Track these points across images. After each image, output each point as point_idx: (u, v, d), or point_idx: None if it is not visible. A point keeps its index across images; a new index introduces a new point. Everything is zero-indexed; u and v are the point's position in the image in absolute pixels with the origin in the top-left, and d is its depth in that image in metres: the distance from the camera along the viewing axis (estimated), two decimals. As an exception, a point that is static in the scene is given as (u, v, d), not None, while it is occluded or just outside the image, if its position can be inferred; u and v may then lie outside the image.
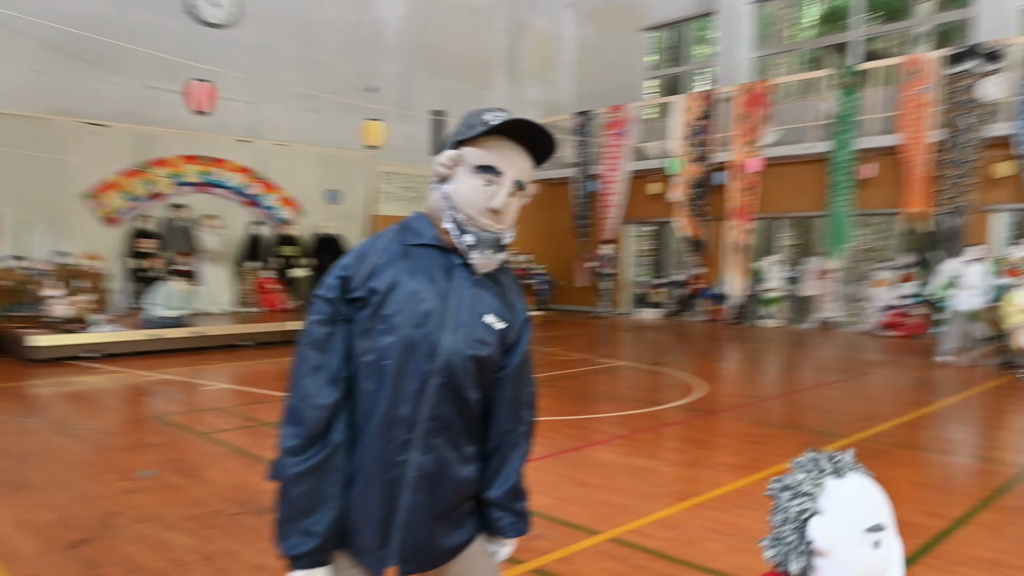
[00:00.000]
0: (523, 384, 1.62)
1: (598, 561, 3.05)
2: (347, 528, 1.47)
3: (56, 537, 3.25)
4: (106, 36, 11.07)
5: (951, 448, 5.29)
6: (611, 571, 2.96)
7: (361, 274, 1.47)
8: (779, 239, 14.84)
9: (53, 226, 10.93)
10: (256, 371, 8.08)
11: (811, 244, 14.67)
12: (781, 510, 1.30)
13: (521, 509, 1.66)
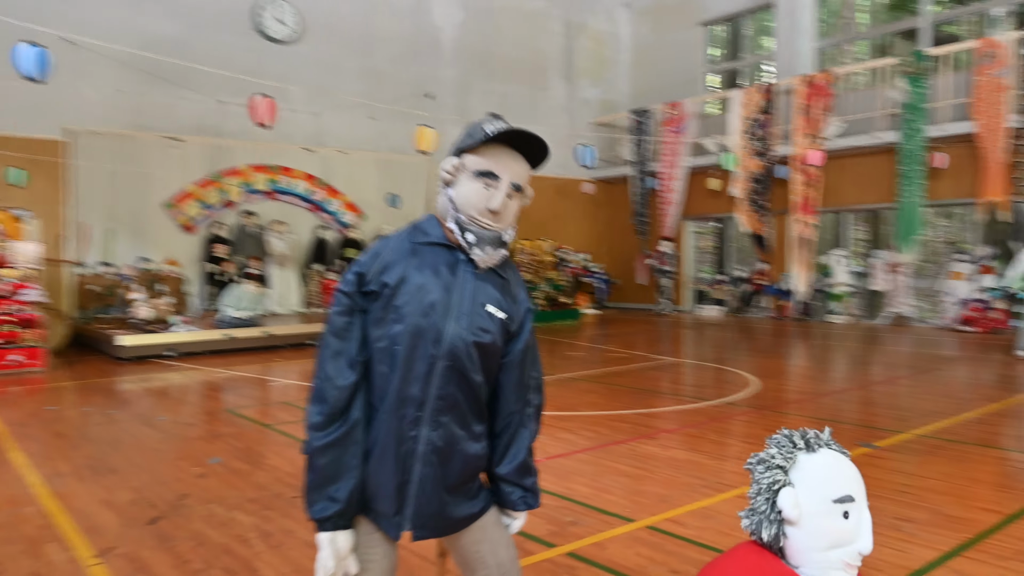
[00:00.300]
0: (528, 368, 1.78)
1: (631, 546, 3.17)
2: (366, 496, 1.66)
3: (135, 514, 3.58)
4: (182, 56, 11.70)
5: (1017, 445, 5.15)
6: (643, 556, 3.08)
7: (374, 270, 1.65)
8: (847, 233, 14.49)
9: (136, 234, 11.64)
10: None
11: (881, 237, 14.27)
12: (756, 482, 1.41)
13: (530, 485, 1.82)
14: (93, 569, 2.96)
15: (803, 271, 13.73)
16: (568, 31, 17.39)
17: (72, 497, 3.87)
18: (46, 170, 10.85)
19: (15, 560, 3.05)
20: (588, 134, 17.69)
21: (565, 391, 6.96)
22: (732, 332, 12.23)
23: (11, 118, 10.57)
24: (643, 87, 17.85)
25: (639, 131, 16.50)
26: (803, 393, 6.83)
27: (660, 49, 17.55)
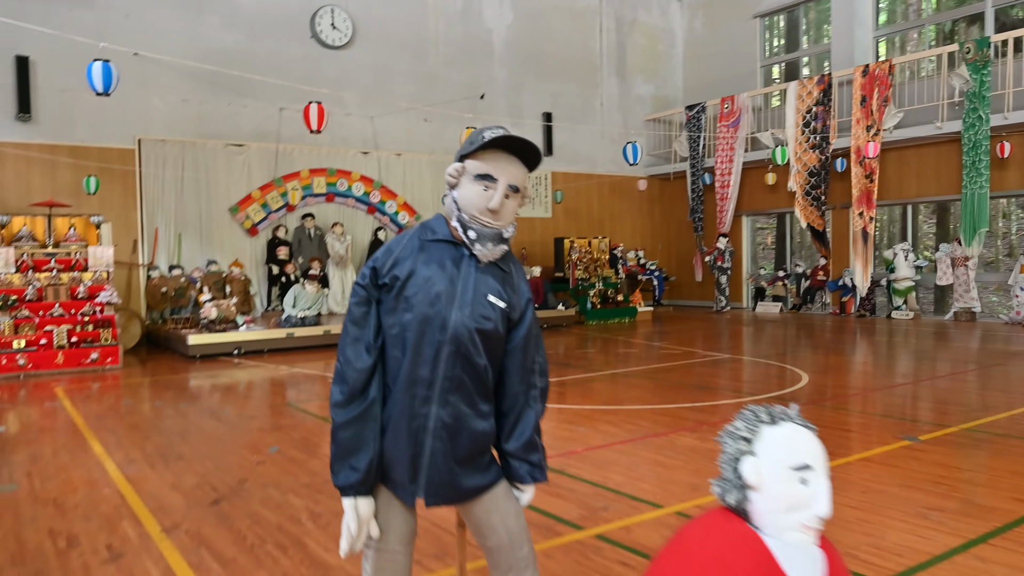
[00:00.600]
0: (530, 353, 1.93)
1: (657, 530, 3.28)
2: (384, 466, 1.84)
3: (198, 496, 3.87)
4: (242, 65, 12.25)
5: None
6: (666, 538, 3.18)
7: (387, 265, 1.84)
8: (911, 226, 14.10)
9: (203, 238, 12.22)
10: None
11: (949, 230, 13.86)
12: (724, 452, 1.53)
13: (537, 460, 1.97)
14: (160, 543, 3.24)
15: (864, 266, 13.43)
16: (620, 27, 17.37)
17: (143, 481, 4.20)
18: (119, 178, 11.50)
19: (93, 534, 3.37)
20: (642, 131, 17.69)
21: (612, 386, 7.06)
22: (789, 329, 12.07)
23: (88, 130, 11.25)
24: (697, 82, 17.71)
25: (693, 127, 16.39)
26: (854, 388, 6.75)
27: (714, 43, 17.39)
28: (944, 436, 4.85)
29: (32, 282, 9.25)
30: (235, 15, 12.54)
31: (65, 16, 11.14)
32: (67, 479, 4.27)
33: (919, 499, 3.60)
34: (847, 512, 3.43)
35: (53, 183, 11.01)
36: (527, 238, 15.97)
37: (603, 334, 11.88)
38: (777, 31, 17.14)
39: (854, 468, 4.16)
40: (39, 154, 10.92)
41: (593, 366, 8.37)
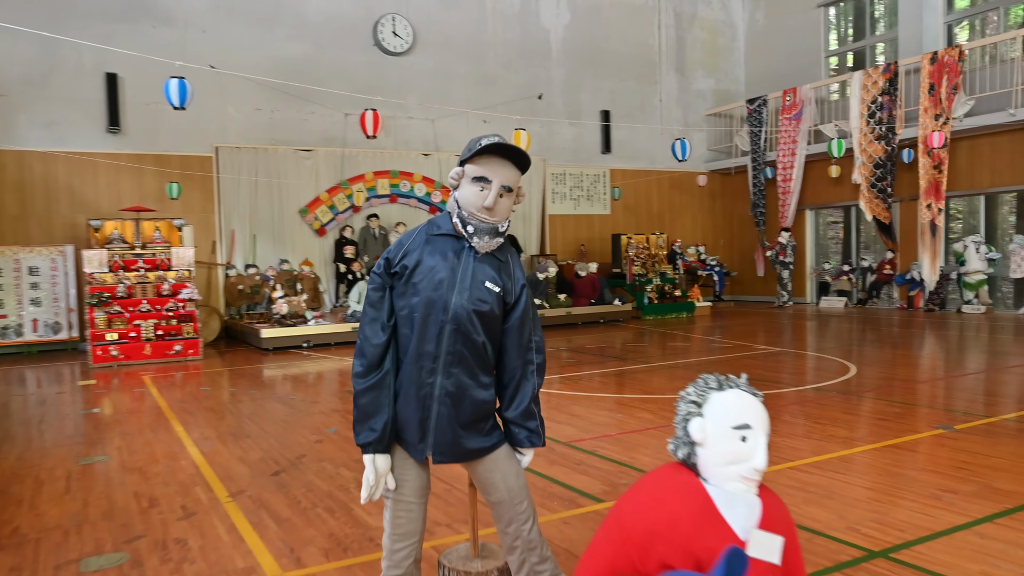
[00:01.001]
0: (527, 332, 2.21)
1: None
2: (398, 428, 2.16)
3: (261, 468, 4.30)
4: (309, 73, 12.89)
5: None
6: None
7: (398, 256, 2.15)
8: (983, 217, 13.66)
9: (275, 238, 12.91)
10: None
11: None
12: (677, 413, 1.78)
13: (534, 427, 2.25)
14: (227, 505, 3.67)
15: (932, 259, 13.10)
16: (679, 23, 17.34)
17: (215, 455, 4.67)
18: (199, 183, 12.29)
19: (171, 497, 3.82)
20: (702, 126, 17.62)
21: (657, 377, 7.24)
22: (850, 323, 11.90)
23: (170, 139, 12.05)
24: (760, 75, 17.52)
25: (755, 121, 16.25)
26: (900, 380, 6.73)
27: (777, 34, 17.17)
28: (981, 426, 4.87)
29: (122, 281, 10.04)
30: (303, 27, 13.17)
31: (149, 34, 11.98)
32: (151, 452, 4.79)
33: (936, 482, 3.70)
34: (859, 492, 3.57)
35: (140, 190, 11.86)
36: (585, 234, 16.17)
37: (659, 329, 11.99)
38: (844, 20, 16.78)
39: (880, 453, 4.26)
40: (127, 163, 11.78)
41: (642, 359, 8.55)
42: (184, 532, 3.32)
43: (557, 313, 12.69)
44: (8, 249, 11.00)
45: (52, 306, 11.16)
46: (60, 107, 11.53)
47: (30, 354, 10.82)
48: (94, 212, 11.49)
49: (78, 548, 3.18)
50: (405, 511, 2.21)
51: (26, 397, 7.23)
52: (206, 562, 2.97)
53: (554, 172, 15.81)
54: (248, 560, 2.98)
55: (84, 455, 4.81)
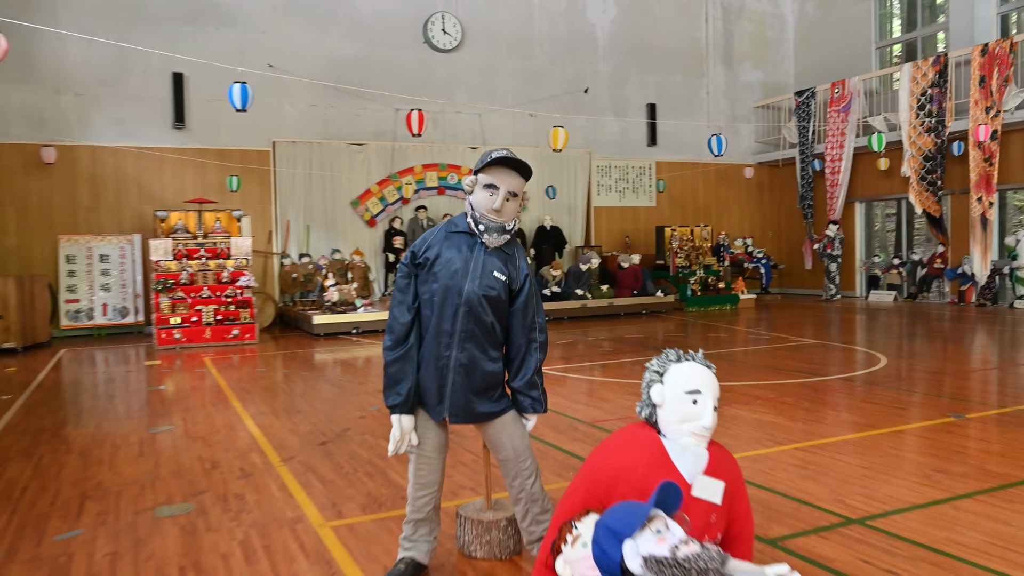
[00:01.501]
0: (530, 314, 2.56)
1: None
2: (420, 394, 2.53)
3: (310, 439, 4.76)
4: (362, 71, 13.41)
5: None
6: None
7: (421, 249, 2.52)
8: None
9: (328, 229, 13.50)
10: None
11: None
12: (643, 380, 2.10)
13: (536, 396, 2.60)
14: (279, 468, 4.12)
15: (983, 253, 12.92)
16: (726, 16, 17.31)
17: (269, 427, 5.14)
18: (257, 176, 12.93)
19: (230, 461, 4.30)
20: (750, 118, 17.59)
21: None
22: (895, 317, 11.86)
23: (231, 135, 12.70)
24: (809, 67, 17.39)
25: (803, 113, 16.17)
26: (928, 372, 6.83)
27: (827, 26, 17.01)
28: (994, 415, 5.02)
29: (185, 268, 10.71)
30: (355, 26, 13.68)
31: (212, 35, 12.64)
32: (212, 424, 5.29)
33: (930, 463, 3.91)
34: (855, 470, 3.81)
35: (202, 182, 12.56)
36: (631, 226, 16.36)
37: (699, 320, 12.16)
38: (896, 10, 16.52)
39: (885, 437, 4.47)
40: (191, 158, 12.48)
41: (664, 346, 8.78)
42: (242, 489, 3.77)
43: (599, 304, 12.96)
44: (81, 238, 11.80)
45: (120, 291, 11.93)
46: (130, 105, 12.27)
47: (100, 336, 11.61)
48: (160, 203, 12.21)
49: (152, 499, 3.66)
50: (426, 464, 2.59)
51: (99, 375, 7.89)
52: (261, 512, 3.41)
53: (599, 165, 16.03)
54: (296, 512, 3.40)
55: (153, 425, 5.34)
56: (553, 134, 11.18)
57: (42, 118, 11.82)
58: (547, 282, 13.01)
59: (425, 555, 2.63)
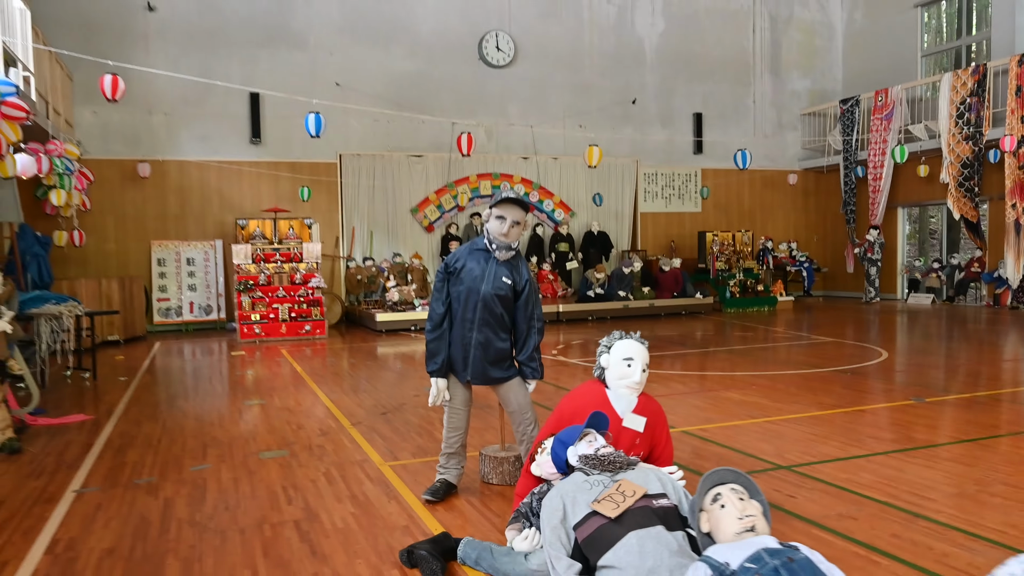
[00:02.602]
0: (529, 308, 3.54)
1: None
2: (451, 363, 3.54)
3: (373, 410, 5.85)
4: (421, 87, 14.57)
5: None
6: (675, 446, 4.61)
7: (453, 262, 3.53)
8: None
9: (390, 234, 14.71)
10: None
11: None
12: (597, 351, 3.06)
13: (535, 366, 3.57)
14: (349, 429, 5.21)
15: (1016, 258, 13.26)
16: (774, 25, 17.84)
17: (340, 401, 6.25)
18: (325, 187, 14.22)
19: (311, 424, 5.41)
20: (797, 125, 18.10)
21: (701, 358, 8.32)
22: (926, 318, 12.33)
23: (302, 149, 14.00)
24: (857, 74, 17.77)
25: (847, 121, 16.63)
26: (918, 365, 7.52)
27: (874, 34, 17.39)
28: (952, 399, 5.75)
29: (263, 271, 12.03)
30: (415, 46, 14.85)
31: (285, 58, 13.98)
32: (294, 399, 6.44)
33: (869, 432, 4.73)
34: (804, 435, 4.68)
35: (276, 192, 13.91)
36: (676, 231, 17.10)
37: (735, 320, 12.87)
38: (943, 19, 16.81)
39: (846, 415, 5.29)
40: (267, 170, 13.85)
41: (697, 344, 9.61)
42: (322, 442, 4.87)
43: (641, 304, 13.79)
44: (171, 243, 13.28)
45: (204, 291, 13.37)
46: (212, 123, 13.70)
47: (187, 331, 13.05)
48: (239, 212, 13.60)
49: (255, 447, 4.78)
50: (455, 413, 3.60)
51: (194, 363, 9.20)
52: (337, 456, 4.49)
53: (646, 172, 16.82)
54: (363, 456, 4.47)
55: (247, 399, 6.52)
56: (588, 152, 12.09)
57: (137, 136, 13.34)
58: (591, 284, 13.93)
59: (455, 478, 3.65)
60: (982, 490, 3.64)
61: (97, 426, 5.58)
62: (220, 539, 3.27)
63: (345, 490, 3.85)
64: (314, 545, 3.16)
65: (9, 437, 4.99)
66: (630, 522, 2.44)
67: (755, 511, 2.22)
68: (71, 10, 12.63)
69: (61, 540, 3.34)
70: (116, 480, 4.21)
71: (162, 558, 3.10)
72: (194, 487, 3.99)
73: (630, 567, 2.33)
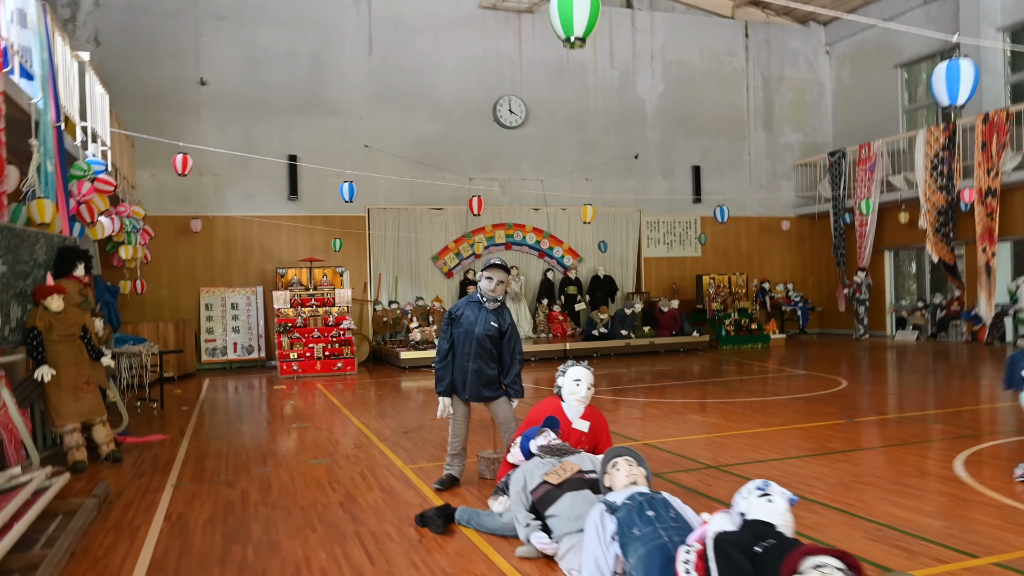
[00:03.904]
0: (512, 344, 4.88)
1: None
2: (454, 385, 4.86)
3: (397, 430, 7.17)
4: (441, 147, 16.13)
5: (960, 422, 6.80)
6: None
7: (455, 311, 4.89)
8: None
9: (413, 280, 16.14)
10: (538, 377, 11.81)
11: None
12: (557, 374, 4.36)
13: (516, 388, 4.90)
14: (379, 444, 6.52)
15: (988, 297, 14.34)
16: (767, 85, 19.27)
17: (369, 424, 7.57)
18: (355, 238, 15.72)
19: (347, 440, 6.73)
20: (790, 175, 19.41)
21: (684, 388, 9.53)
22: (904, 353, 13.40)
23: (334, 204, 15.51)
24: (846, 128, 19.09)
25: (835, 171, 17.91)
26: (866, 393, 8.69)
27: (860, 92, 18.75)
28: (877, 419, 6.92)
29: (300, 314, 13.47)
30: (436, 110, 16.45)
31: (320, 123, 15.63)
32: (331, 423, 7.77)
33: (793, 443, 5.93)
34: (738, 446, 5.88)
35: (312, 244, 15.43)
36: (678, 274, 18.35)
37: (728, 356, 14.03)
38: (922, 78, 18.14)
39: (782, 431, 6.49)
40: (303, 224, 15.40)
41: (682, 377, 10.81)
42: (356, 453, 6.19)
43: (642, 342, 15.01)
44: (217, 289, 14.80)
45: (247, 332, 14.82)
46: (255, 182, 15.31)
47: (231, 369, 14.47)
48: (278, 262, 15.12)
49: (304, 456, 6.11)
50: (457, 424, 4.92)
51: (243, 395, 10.58)
52: (368, 462, 5.81)
53: (648, 220, 18.16)
54: (388, 462, 5.78)
55: (293, 423, 7.86)
56: (583, 210, 13.51)
57: (188, 195, 14.97)
58: (595, 324, 15.19)
59: (458, 473, 4.95)
60: (856, 481, 4.85)
61: (174, 444, 6.94)
62: (286, 512, 4.59)
63: (375, 483, 5.16)
64: (354, 515, 4.46)
65: (112, 449, 6.36)
66: (567, 487, 3.72)
67: (639, 473, 3.49)
68: (135, 85, 14.36)
69: (173, 514, 4.67)
70: (201, 478, 5.55)
71: (248, 523, 4.41)
72: (261, 482, 5.32)
73: (564, 515, 3.61)
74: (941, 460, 5.40)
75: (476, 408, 5.15)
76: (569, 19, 4.29)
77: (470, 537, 3.99)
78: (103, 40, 14.40)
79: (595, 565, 3.12)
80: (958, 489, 4.66)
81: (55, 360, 6.17)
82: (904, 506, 4.30)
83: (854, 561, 2.35)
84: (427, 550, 3.84)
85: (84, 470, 5.92)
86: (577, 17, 4.26)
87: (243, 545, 4.04)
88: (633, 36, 18.02)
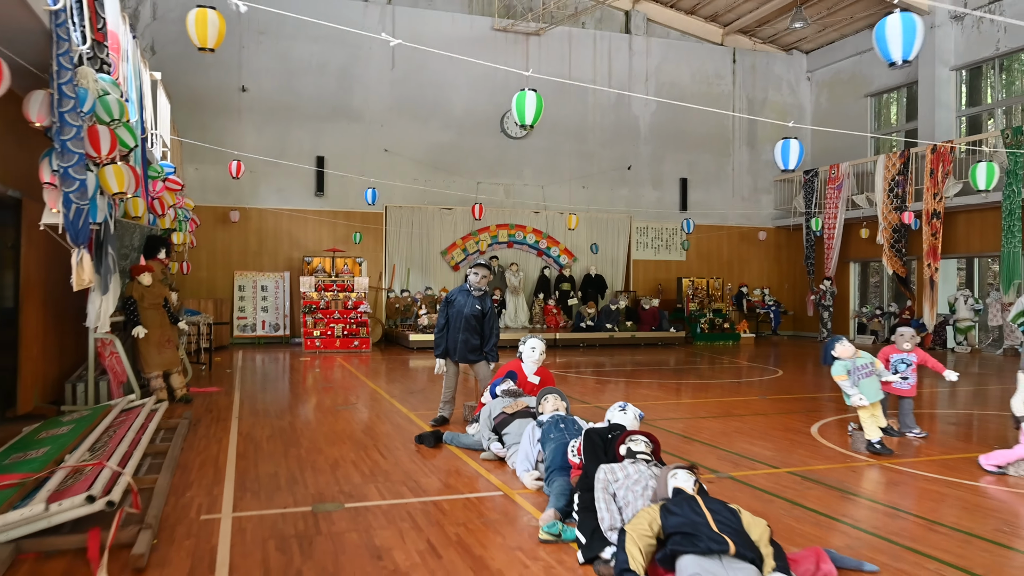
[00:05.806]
0: (491, 323, 6.84)
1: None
2: (448, 350, 6.81)
3: (404, 391, 9.13)
4: (452, 154, 18.04)
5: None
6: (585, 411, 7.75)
7: (450, 297, 6.86)
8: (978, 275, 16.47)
9: (423, 271, 18.09)
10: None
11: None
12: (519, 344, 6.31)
13: (494, 355, 6.85)
14: (389, 399, 8.47)
15: (931, 308, 16.16)
16: (751, 107, 21.08)
17: (381, 386, 9.54)
18: (373, 233, 17.68)
19: (366, 397, 8.68)
20: (770, 189, 21.23)
21: (649, 373, 11.43)
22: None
23: (356, 201, 17.46)
24: (822, 149, 20.88)
25: (808, 188, 19.72)
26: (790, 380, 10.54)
27: (835, 116, 20.51)
28: (785, 398, 8.81)
29: (323, 298, 15.44)
30: (449, 120, 18.36)
31: (345, 129, 17.57)
32: (352, 385, 9.74)
33: (707, 411, 7.83)
34: (667, 409, 7.78)
35: (334, 236, 17.40)
36: (663, 276, 20.22)
37: (701, 351, 15.92)
38: (890, 108, 19.90)
39: (711, 403, 8.38)
40: (328, 219, 17.37)
41: (653, 364, 12.72)
42: (371, 404, 8.14)
43: (624, 335, 16.90)
44: (250, 273, 16.79)
45: (275, 312, 16.81)
46: (286, 179, 17.27)
47: (259, 344, 16.46)
48: (305, 251, 17.09)
49: (332, 404, 8.08)
50: (449, 379, 6.91)
51: (275, 363, 12.55)
52: (380, 409, 7.76)
53: (638, 226, 20.03)
54: (396, 409, 7.73)
55: (322, 381, 9.82)
56: (568, 219, 15.41)
57: (227, 188, 16.94)
58: (584, 318, 17.11)
59: (448, 415, 6.91)
60: (736, 431, 6.77)
61: (227, 394, 8.91)
62: (325, 434, 6.56)
63: (387, 421, 7.13)
64: (373, 438, 6.42)
65: (185, 393, 8.34)
66: (517, 416, 5.65)
67: (561, 405, 5.41)
68: (184, 90, 16.32)
69: (243, 432, 6.64)
70: (256, 413, 7.52)
71: (298, 439, 6.37)
72: (303, 418, 7.29)
73: (513, 433, 5.55)
74: (806, 423, 7.31)
75: (463, 369, 7.08)
76: (523, 111, 6.24)
77: (453, 451, 5.93)
78: (158, 49, 16.38)
79: (525, 457, 5.06)
80: (801, 438, 6.57)
81: (145, 323, 8.14)
82: (756, 444, 6.22)
83: (655, 439, 4.26)
84: (423, 457, 5.79)
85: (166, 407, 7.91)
86: (528, 111, 6.22)
87: (297, 448, 6.01)
88: (630, 59, 19.87)
